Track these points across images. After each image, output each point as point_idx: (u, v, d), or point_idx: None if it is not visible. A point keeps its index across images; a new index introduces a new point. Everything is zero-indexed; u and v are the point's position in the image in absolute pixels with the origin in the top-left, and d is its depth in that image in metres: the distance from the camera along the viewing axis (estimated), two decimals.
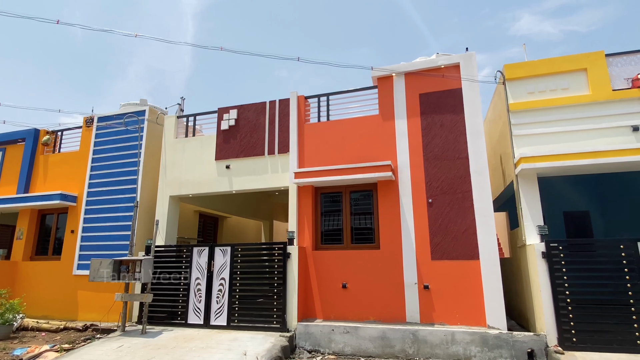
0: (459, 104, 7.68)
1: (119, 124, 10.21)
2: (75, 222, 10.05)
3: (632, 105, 6.87)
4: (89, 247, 9.71)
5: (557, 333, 6.00)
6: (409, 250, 7.38)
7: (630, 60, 7.18)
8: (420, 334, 6.57)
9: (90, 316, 9.19)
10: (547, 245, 6.30)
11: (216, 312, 7.75)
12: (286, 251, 7.57)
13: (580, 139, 6.99)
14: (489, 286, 6.76)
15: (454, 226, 7.24)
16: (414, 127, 7.89)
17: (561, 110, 7.18)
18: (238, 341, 6.80)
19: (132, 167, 9.77)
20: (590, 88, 7.11)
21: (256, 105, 9.19)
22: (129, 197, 9.61)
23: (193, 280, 8.07)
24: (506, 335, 6.23)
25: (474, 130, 7.43)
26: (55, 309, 9.51)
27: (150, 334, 7.45)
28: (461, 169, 7.42)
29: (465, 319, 6.86)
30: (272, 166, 8.73)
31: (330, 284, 7.74)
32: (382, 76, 8.35)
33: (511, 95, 7.51)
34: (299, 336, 7.15)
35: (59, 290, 9.64)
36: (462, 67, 7.75)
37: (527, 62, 7.59)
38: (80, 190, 10.23)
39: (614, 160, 6.44)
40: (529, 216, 6.96)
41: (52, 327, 8.61)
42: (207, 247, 8.17)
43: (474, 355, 6.26)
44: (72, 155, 10.66)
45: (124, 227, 9.50)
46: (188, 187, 9.31)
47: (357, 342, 6.83)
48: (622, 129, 6.84)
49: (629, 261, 5.92)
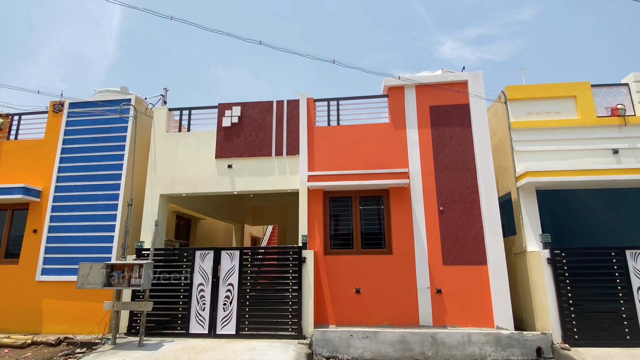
0: (467, 118, 8.19)
1: (96, 112, 9.17)
2: (38, 221, 8.75)
3: (612, 131, 7.91)
4: (57, 250, 8.51)
5: (561, 331, 6.65)
6: (421, 256, 7.65)
7: (609, 91, 8.27)
8: (439, 337, 6.83)
9: (58, 328, 8.05)
10: (552, 252, 6.96)
11: (223, 320, 7.28)
12: (301, 255, 7.39)
13: (570, 158, 7.87)
14: (497, 289, 7.27)
15: (464, 233, 7.67)
16: (425, 137, 8.23)
17: (555, 131, 8.02)
18: (257, 350, 6.46)
19: (115, 162, 8.83)
20: (579, 113, 8.05)
21: (262, 104, 8.88)
22: (110, 194, 8.65)
23: (195, 286, 7.50)
24: (517, 335, 6.74)
25: (481, 144, 7.98)
26: (11, 321, 8.17)
27: (150, 347, 6.76)
28: (469, 179, 7.90)
29: (475, 320, 7.29)
30: (280, 168, 8.48)
31: (342, 289, 7.71)
32: (393, 86, 8.60)
33: (512, 114, 8.21)
34: (315, 343, 6.99)
35: (17, 298, 8.31)
36: (470, 85, 8.29)
37: (527, 86, 8.36)
38: (45, 183, 8.95)
39: (602, 178, 7.35)
40: (529, 225, 7.64)
41: (16, 342, 7.37)
42: (212, 250, 7.65)
43: (489, 354, 6.68)
44: (35, 144, 9.29)
45: (103, 228, 8.50)
46: (182, 186, 8.65)
47: (377, 347, 6.88)
48: (605, 151, 7.84)
49: (619, 267, 6.80)
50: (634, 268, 6.77)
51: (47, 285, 8.34)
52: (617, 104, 8.02)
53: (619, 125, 7.88)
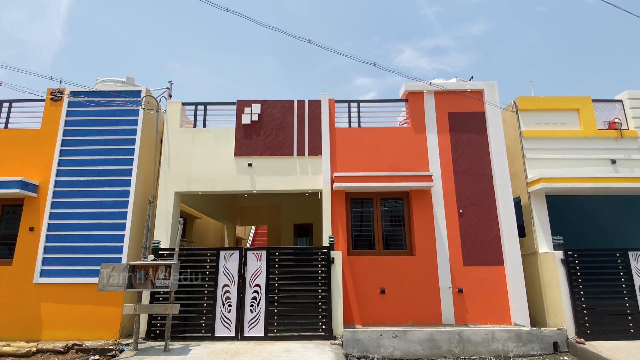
0: (483, 125, 8.60)
1: (101, 103, 8.60)
2: (35, 218, 8.03)
3: (610, 143, 8.65)
4: (57, 249, 7.86)
5: (575, 327, 7.16)
6: (443, 257, 7.92)
7: (606, 106, 9.03)
8: (465, 334, 7.10)
9: (61, 334, 7.44)
10: (565, 253, 7.48)
11: (250, 322, 7.10)
12: (330, 256, 7.38)
13: (574, 166, 8.50)
14: (514, 289, 7.69)
15: (482, 235, 8.04)
16: (444, 142, 8.53)
17: (561, 141, 8.63)
18: (294, 352, 6.37)
19: (124, 156, 8.31)
20: (582, 125, 8.72)
21: (282, 103, 8.76)
22: (119, 191, 8.13)
23: (220, 288, 7.25)
24: (536, 331, 7.17)
25: (497, 150, 8.40)
26: (6, 327, 7.43)
27: (177, 351, 6.45)
28: (486, 184, 8.29)
29: (494, 318, 7.66)
30: (302, 168, 8.41)
31: (367, 289, 7.80)
32: (412, 91, 8.83)
33: (523, 123, 8.73)
34: (346, 343, 7.00)
35: (13, 302, 7.57)
36: (485, 93, 8.71)
37: (536, 97, 8.93)
38: (43, 178, 8.23)
39: (604, 185, 8.02)
40: (540, 228, 8.16)
41: (19, 351, 6.71)
42: (238, 250, 7.44)
43: (511, 350, 7.04)
44: (29, 134, 8.51)
45: (111, 226, 7.97)
46: (199, 184, 8.32)
47: (406, 346, 7.03)
48: (604, 160, 8.55)
49: (623, 267, 7.45)
50: (635, 268, 7.44)
51: (47, 287, 7.67)
52: (615, 118, 8.78)
53: (616, 137, 8.63)
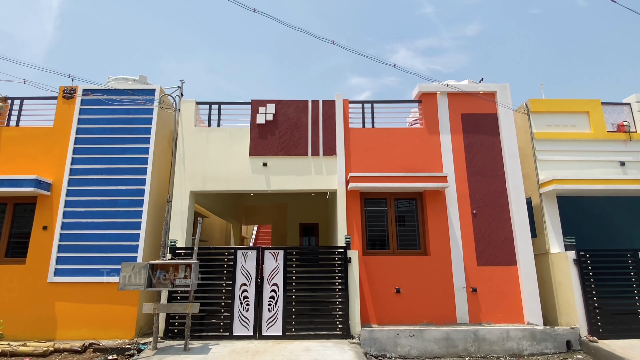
0: (495, 127, 8.70)
1: (115, 101, 8.56)
2: (49, 216, 7.98)
3: (619, 145, 8.80)
4: (71, 248, 7.81)
5: (587, 326, 7.30)
6: (457, 257, 8.01)
7: (615, 109, 9.19)
8: (480, 333, 7.19)
9: (76, 334, 7.41)
10: (578, 254, 7.61)
11: (268, 321, 7.13)
12: (347, 255, 7.43)
13: (584, 168, 8.64)
14: (526, 288, 7.80)
15: (495, 236, 8.15)
16: (457, 143, 8.62)
17: (571, 143, 8.77)
18: (314, 351, 6.41)
19: (139, 155, 8.28)
20: (592, 127, 8.87)
21: (297, 103, 8.79)
22: (135, 190, 8.10)
23: (238, 287, 7.27)
24: (549, 329, 7.29)
25: (510, 152, 8.51)
26: (21, 327, 7.37)
27: (197, 350, 6.46)
28: (499, 185, 8.40)
29: (507, 317, 7.77)
30: (316, 168, 8.44)
31: (382, 288, 7.86)
32: (425, 92, 8.91)
33: (534, 125, 8.85)
34: (363, 342, 7.06)
35: (27, 302, 7.52)
36: (498, 95, 8.82)
37: (547, 100, 9.05)
38: (56, 176, 8.17)
39: (613, 187, 8.16)
40: (551, 228, 8.29)
41: (36, 350, 6.67)
42: (255, 250, 7.46)
43: (525, 348, 7.15)
44: (41, 132, 8.44)
45: (126, 225, 7.94)
46: (214, 183, 8.32)
47: (423, 345, 7.10)
48: (613, 162, 8.70)
49: (633, 267, 7.59)
50: None
51: (61, 287, 7.63)
52: (623, 120, 8.94)
53: (624, 140, 8.79)
